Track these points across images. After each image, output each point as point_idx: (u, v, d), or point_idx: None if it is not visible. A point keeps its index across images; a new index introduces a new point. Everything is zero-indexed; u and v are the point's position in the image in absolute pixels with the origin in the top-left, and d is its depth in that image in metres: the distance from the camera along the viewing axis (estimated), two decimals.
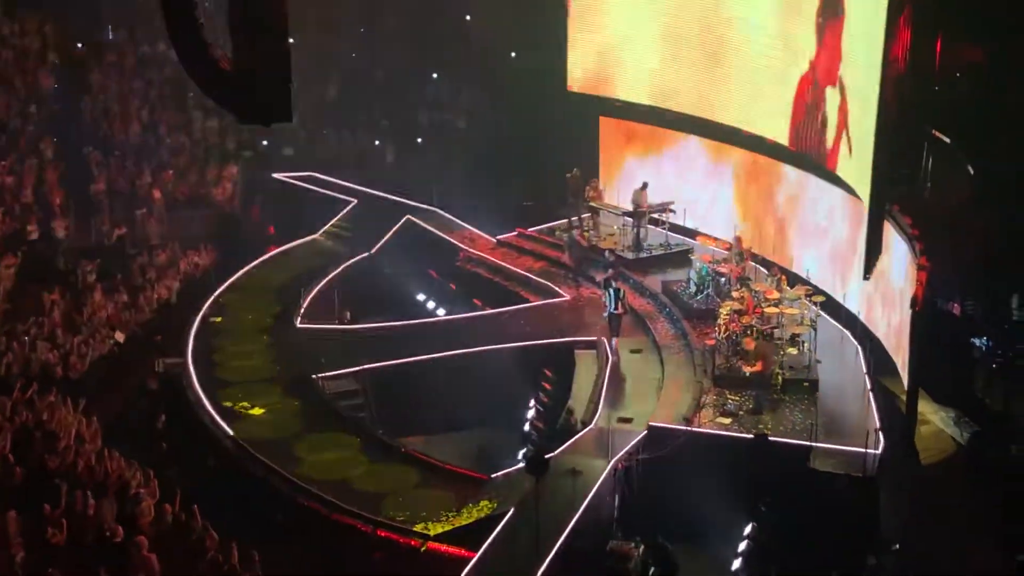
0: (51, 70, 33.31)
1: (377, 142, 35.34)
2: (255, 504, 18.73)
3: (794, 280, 24.14)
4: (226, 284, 27.00)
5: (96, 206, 30.18)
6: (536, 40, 31.45)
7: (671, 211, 27.65)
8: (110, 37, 35.18)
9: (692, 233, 27.87)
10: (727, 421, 19.83)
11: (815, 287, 23.86)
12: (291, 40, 8.13)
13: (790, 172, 25.82)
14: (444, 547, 17.14)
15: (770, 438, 18.98)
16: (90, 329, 23.89)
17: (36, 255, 27.16)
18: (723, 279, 24.19)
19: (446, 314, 26.36)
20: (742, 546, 18.49)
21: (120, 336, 23.94)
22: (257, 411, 21.22)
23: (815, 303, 22.99)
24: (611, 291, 23.29)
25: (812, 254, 25.11)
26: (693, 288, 24.61)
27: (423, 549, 17.16)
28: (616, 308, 23.09)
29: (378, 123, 35.71)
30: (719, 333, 21.84)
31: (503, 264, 27.98)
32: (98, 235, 29.60)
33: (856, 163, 21.77)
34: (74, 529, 17.23)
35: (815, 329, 22.09)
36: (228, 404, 21.35)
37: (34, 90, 32.73)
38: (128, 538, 16.41)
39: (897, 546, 17.65)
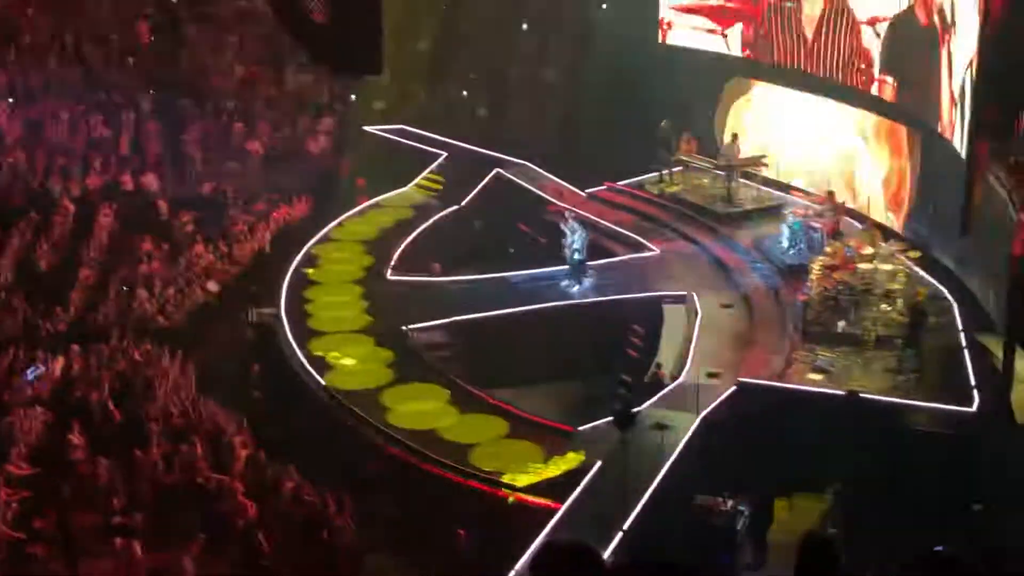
0: (148, 22, 33.65)
1: (465, 92, 35.26)
2: (346, 453, 19.00)
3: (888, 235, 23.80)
4: (319, 236, 27.26)
5: (191, 159, 30.57)
6: None
7: (763, 165, 27.34)
8: None
9: (785, 187, 27.51)
10: (818, 377, 19.63)
11: (910, 242, 23.47)
12: None
13: (881, 121, 25.39)
14: (531, 499, 17.26)
15: (861, 395, 18.78)
16: (186, 279, 24.29)
17: (132, 206, 27.61)
18: (816, 234, 23.88)
19: (535, 267, 26.33)
20: (830, 502, 18.33)
21: (214, 286, 24.32)
22: (348, 361, 21.48)
23: (910, 258, 22.59)
24: (580, 232, 23.39)
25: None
26: (785, 243, 24.32)
27: (510, 500, 17.29)
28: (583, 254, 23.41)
29: (466, 76, 35.60)
30: (811, 288, 21.60)
31: (592, 217, 27.85)
32: (193, 187, 30.00)
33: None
34: (170, 475, 17.67)
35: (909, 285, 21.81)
36: (320, 354, 21.63)
37: (131, 43, 33.12)
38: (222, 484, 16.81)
39: (980, 506, 17.36)
